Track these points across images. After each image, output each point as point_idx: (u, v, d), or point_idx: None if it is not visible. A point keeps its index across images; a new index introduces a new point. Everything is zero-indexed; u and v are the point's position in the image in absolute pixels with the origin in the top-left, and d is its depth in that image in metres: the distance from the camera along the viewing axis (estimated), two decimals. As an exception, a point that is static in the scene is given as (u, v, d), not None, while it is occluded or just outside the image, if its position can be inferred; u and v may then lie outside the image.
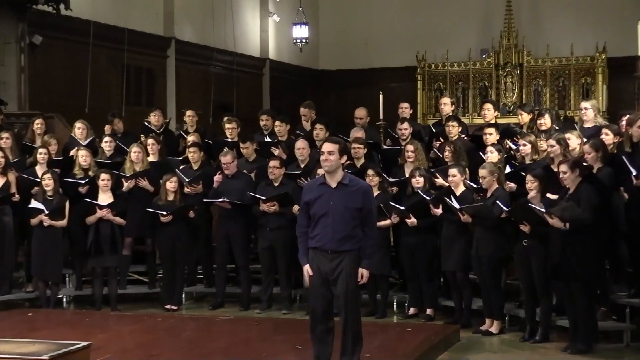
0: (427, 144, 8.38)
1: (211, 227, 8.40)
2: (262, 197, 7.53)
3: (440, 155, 7.75)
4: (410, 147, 7.66)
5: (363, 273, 4.94)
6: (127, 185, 7.97)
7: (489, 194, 6.66)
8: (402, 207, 7.07)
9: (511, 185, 6.84)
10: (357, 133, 8.44)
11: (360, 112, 8.96)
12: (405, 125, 8.37)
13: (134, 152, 8.10)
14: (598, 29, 15.00)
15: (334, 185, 4.97)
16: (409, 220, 7.10)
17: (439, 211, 6.89)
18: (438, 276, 7.45)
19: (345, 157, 5.00)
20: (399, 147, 8.17)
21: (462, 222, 6.70)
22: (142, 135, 8.95)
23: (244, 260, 7.90)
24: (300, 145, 7.99)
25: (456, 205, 6.67)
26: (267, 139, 8.71)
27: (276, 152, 8.40)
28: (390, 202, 7.20)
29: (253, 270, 8.12)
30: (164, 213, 7.62)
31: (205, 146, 8.73)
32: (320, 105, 10.64)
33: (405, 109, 9.05)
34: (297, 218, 5.23)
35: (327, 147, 4.94)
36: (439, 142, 8.06)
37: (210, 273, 8.37)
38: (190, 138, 8.72)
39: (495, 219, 6.46)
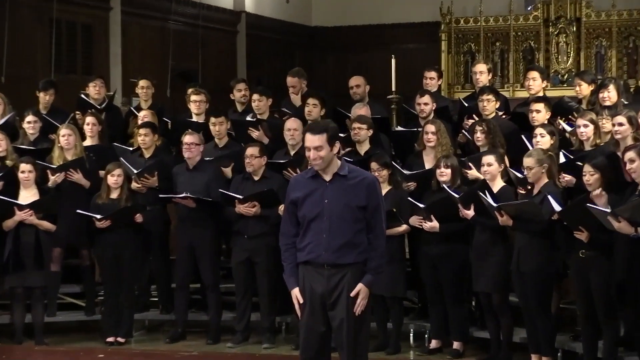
0: (455, 125, 8.41)
1: (169, 235, 8.46)
2: (238, 196, 7.54)
3: (471, 138, 7.78)
4: (430, 128, 7.67)
5: (361, 291, 4.93)
6: (53, 179, 7.97)
7: (535, 190, 6.65)
8: (421, 205, 7.13)
9: (567, 178, 6.85)
10: (360, 109, 8.47)
11: (355, 81, 9.02)
12: (426, 98, 8.38)
13: (64, 135, 8.07)
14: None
15: (328, 177, 4.99)
16: (429, 224, 7.13)
17: (470, 212, 6.89)
18: (468, 299, 7.48)
19: (338, 145, 5.01)
20: (415, 129, 8.21)
21: (500, 226, 6.72)
22: (77, 112, 8.94)
23: (213, 277, 7.92)
24: (292, 125, 8.00)
25: (492, 204, 6.67)
26: (248, 118, 8.72)
27: (255, 134, 8.41)
28: (409, 198, 7.24)
29: (224, 291, 8.14)
30: (98, 217, 7.61)
31: (162, 127, 8.77)
32: (313, 73, 10.68)
33: (431, 80, 9.08)
34: (280, 224, 5.23)
35: (311, 141, 4.94)
36: (471, 121, 8.09)
37: (167, 295, 8.40)
38: (143, 116, 8.73)
39: (543, 223, 6.46)
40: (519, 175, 6.96)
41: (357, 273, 4.94)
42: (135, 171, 7.97)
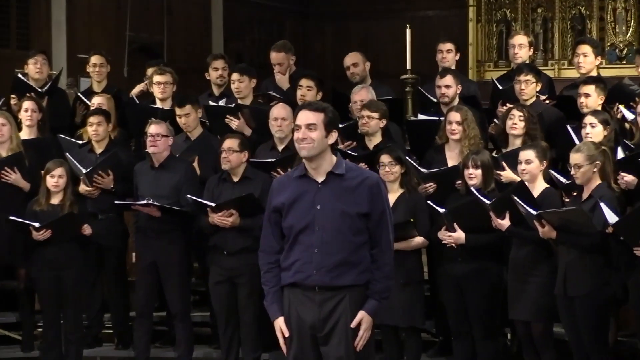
0: (487, 112, 8.45)
1: (126, 250, 8.54)
2: (210, 204, 7.56)
3: (505, 129, 7.77)
4: (455, 116, 7.71)
5: (363, 321, 4.95)
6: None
7: (585, 194, 6.68)
8: (442, 209, 7.17)
9: (627, 178, 6.87)
10: (362, 93, 8.48)
11: (351, 58, 9.14)
12: (448, 79, 8.43)
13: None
14: None
15: (321, 177, 5.00)
16: (452, 236, 7.13)
17: (505, 222, 6.91)
18: (502, 330, 7.50)
19: (335, 135, 5.04)
20: (435, 118, 8.24)
21: (542, 239, 6.73)
22: (12, 96, 9.01)
23: (182, 304, 7.97)
24: (280, 113, 8.04)
25: (531, 211, 6.69)
26: (221, 103, 8.78)
27: (234, 123, 8.46)
28: (429, 202, 7.29)
29: (197, 322, 8.22)
30: (36, 225, 7.61)
31: (119, 115, 8.82)
32: (307, 48, 10.70)
33: (447, 54, 9.16)
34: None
35: (304, 117, 4.96)
36: (505, 107, 8.11)
37: (124, 326, 8.45)
38: (95, 101, 8.79)
39: (595, 236, 6.48)
40: (563, 179, 7.01)
41: (357, 298, 4.95)
42: (84, 170, 7.98)
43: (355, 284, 4.95)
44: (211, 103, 8.84)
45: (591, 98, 7.70)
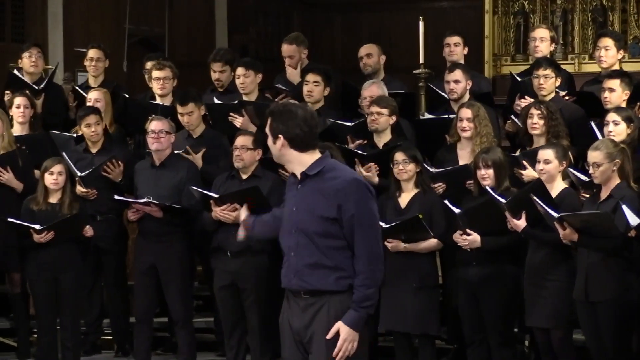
0: (504, 108, 8.49)
1: (126, 253, 8.49)
2: (213, 195, 7.52)
3: (522, 126, 7.79)
4: (466, 113, 7.70)
5: (340, 332, 4.85)
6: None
7: (604, 194, 6.65)
8: (457, 209, 7.15)
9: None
10: (372, 89, 8.40)
11: (366, 49, 9.12)
12: (457, 74, 8.41)
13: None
14: None
15: (299, 177, 5.04)
16: (466, 239, 7.10)
17: (521, 222, 6.86)
18: (520, 337, 7.51)
19: (281, 138, 5.00)
20: (446, 116, 8.23)
21: (560, 241, 6.67)
22: (7, 92, 8.98)
23: (184, 310, 7.93)
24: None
25: (552, 213, 6.61)
26: (216, 100, 8.73)
27: (238, 121, 8.40)
28: (445, 201, 7.25)
29: (201, 328, 8.22)
30: (37, 227, 7.56)
31: (118, 112, 8.79)
32: (315, 40, 10.64)
33: (455, 47, 9.19)
34: None
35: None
36: (522, 103, 8.14)
37: (124, 333, 8.42)
38: (92, 96, 8.74)
39: (618, 238, 6.42)
40: (583, 177, 7.00)
41: (336, 306, 4.88)
42: (79, 173, 8.00)
43: (336, 290, 4.90)
44: (216, 101, 8.84)
45: (615, 93, 7.70)
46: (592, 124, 7.50)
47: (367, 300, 4.91)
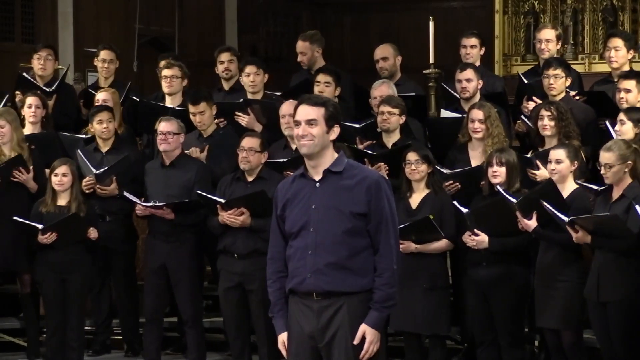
0: (513, 108, 8.45)
1: (135, 253, 8.51)
2: (220, 199, 7.53)
3: (533, 127, 7.79)
4: (477, 114, 7.72)
5: (366, 334, 4.87)
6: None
7: (616, 194, 6.64)
8: (465, 209, 7.16)
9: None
10: (382, 89, 8.43)
11: (382, 51, 9.10)
12: (468, 73, 8.43)
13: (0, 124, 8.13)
14: None
15: (318, 176, 4.95)
16: (474, 240, 7.11)
17: (532, 222, 6.86)
18: (530, 338, 7.52)
19: (337, 130, 4.96)
20: (458, 115, 8.25)
21: (573, 244, 6.69)
22: (17, 92, 9.00)
23: (193, 309, 7.96)
24: (289, 109, 7.92)
25: (564, 218, 6.63)
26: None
27: (244, 120, 8.45)
28: (454, 202, 7.27)
29: (210, 328, 8.22)
30: (39, 226, 7.62)
31: (128, 112, 8.86)
32: (325, 40, 10.57)
33: (471, 49, 9.20)
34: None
35: (303, 113, 4.94)
36: (530, 105, 8.15)
37: (134, 333, 8.46)
38: (100, 97, 8.78)
39: (632, 238, 6.42)
40: (594, 187, 6.98)
41: (357, 307, 4.87)
42: (94, 170, 8.00)
43: (354, 291, 4.88)
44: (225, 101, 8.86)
45: (632, 94, 7.72)
46: (607, 123, 7.49)
47: (390, 299, 4.91)
